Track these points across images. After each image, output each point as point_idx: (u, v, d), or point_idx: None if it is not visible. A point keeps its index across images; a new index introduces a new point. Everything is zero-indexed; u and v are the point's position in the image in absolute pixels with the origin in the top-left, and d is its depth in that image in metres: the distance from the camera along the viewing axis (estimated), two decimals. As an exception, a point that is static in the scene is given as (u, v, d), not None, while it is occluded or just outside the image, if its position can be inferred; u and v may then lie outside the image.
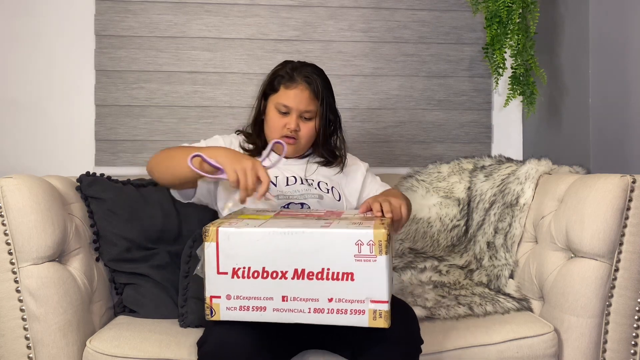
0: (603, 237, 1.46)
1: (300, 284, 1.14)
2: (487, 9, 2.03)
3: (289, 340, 1.34)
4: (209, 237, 1.16)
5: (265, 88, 1.59)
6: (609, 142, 1.91)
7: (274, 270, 1.15)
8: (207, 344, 1.22)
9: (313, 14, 2.28)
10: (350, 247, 1.12)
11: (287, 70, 1.55)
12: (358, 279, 1.12)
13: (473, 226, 1.88)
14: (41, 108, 2.20)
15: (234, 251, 1.15)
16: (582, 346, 1.49)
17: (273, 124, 1.55)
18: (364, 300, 1.13)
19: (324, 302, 1.14)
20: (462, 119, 2.36)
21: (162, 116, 2.24)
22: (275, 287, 1.15)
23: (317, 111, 1.56)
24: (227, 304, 1.16)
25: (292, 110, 1.53)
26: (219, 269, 1.16)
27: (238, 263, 1.15)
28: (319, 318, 1.15)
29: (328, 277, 1.13)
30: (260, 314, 1.16)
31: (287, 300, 1.15)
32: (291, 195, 1.52)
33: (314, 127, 1.56)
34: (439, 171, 2.06)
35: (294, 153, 1.59)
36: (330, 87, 1.60)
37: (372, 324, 1.13)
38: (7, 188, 1.41)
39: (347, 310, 1.13)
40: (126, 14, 2.21)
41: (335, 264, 1.13)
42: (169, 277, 1.69)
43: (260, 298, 1.16)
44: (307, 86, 1.53)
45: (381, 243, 1.11)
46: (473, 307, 1.60)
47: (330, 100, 1.58)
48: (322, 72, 1.60)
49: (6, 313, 1.41)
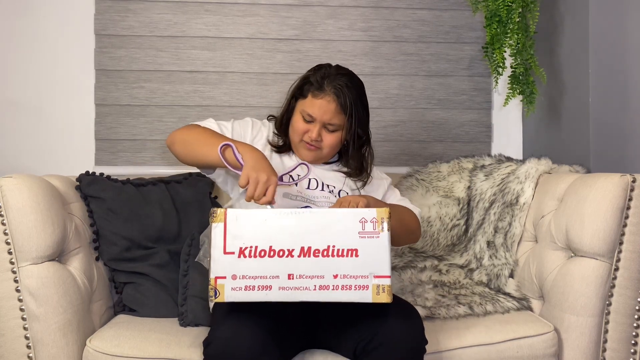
0: (603, 237, 1.46)
1: (307, 261, 1.18)
2: (487, 8, 2.02)
3: (293, 339, 1.34)
4: (217, 218, 1.19)
5: (294, 92, 1.53)
6: (609, 142, 1.91)
7: (281, 248, 1.18)
8: (213, 344, 1.22)
9: (313, 13, 2.28)
10: (354, 224, 1.18)
11: (318, 78, 1.47)
12: (362, 255, 1.18)
13: (473, 225, 1.88)
14: (41, 107, 2.19)
15: (241, 231, 1.18)
16: (582, 345, 1.49)
17: (296, 129, 1.50)
18: (368, 276, 1.17)
19: (329, 278, 1.18)
20: (461, 118, 2.36)
21: (162, 115, 2.24)
22: (282, 265, 1.18)
23: (344, 125, 1.49)
24: (233, 284, 1.17)
25: (316, 120, 1.47)
26: (226, 249, 1.18)
27: (245, 243, 1.18)
28: (324, 295, 1.18)
29: (333, 254, 1.18)
30: (265, 293, 1.18)
31: (292, 278, 1.18)
32: (309, 199, 1.50)
33: (338, 139, 1.50)
34: (439, 170, 2.06)
35: (316, 160, 1.55)
36: (364, 99, 1.52)
37: (376, 299, 1.17)
38: (6, 188, 1.41)
39: (351, 286, 1.17)
40: (126, 14, 2.21)
41: (341, 241, 1.18)
42: (169, 276, 1.69)
43: (266, 277, 1.18)
44: (334, 98, 1.45)
45: (383, 220, 1.18)
46: (473, 307, 1.60)
47: (361, 115, 1.50)
48: (357, 83, 1.51)
49: (6, 313, 1.41)
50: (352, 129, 1.50)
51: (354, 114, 1.47)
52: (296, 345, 1.38)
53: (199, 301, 1.60)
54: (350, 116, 1.47)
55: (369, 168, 1.59)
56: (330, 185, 1.54)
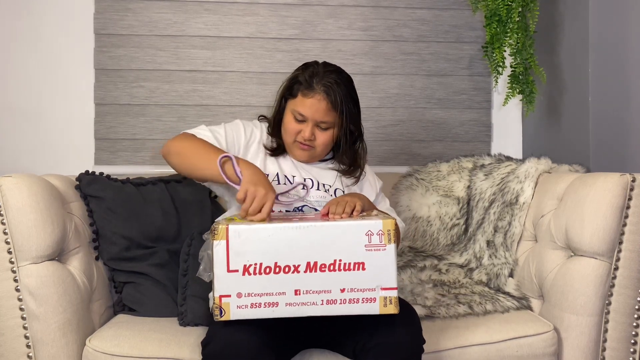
0: (603, 236, 1.46)
1: (313, 276, 1.16)
2: (487, 7, 2.02)
3: (292, 339, 1.34)
4: (218, 235, 1.15)
5: (284, 92, 1.52)
6: (609, 141, 1.91)
7: (286, 264, 1.16)
8: (212, 344, 1.21)
9: (312, 13, 2.28)
10: (361, 238, 1.16)
11: (307, 77, 1.46)
12: (369, 268, 1.16)
13: (473, 225, 1.88)
14: (40, 107, 2.19)
15: (244, 248, 1.15)
16: (582, 345, 1.49)
17: (289, 129, 1.49)
18: (375, 289, 1.17)
19: (337, 292, 1.16)
20: (461, 118, 2.36)
21: (161, 115, 2.24)
22: (288, 282, 1.16)
23: (336, 122, 1.48)
24: (238, 302, 1.15)
25: (308, 119, 1.46)
26: (229, 267, 1.15)
27: (249, 260, 1.15)
28: (332, 309, 1.17)
29: (340, 268, 1.16)
30: (272, 310, 1.16)
31: (299, 293, 1.16)
32: (305, 198, 1.49)
33: (331, 137, 1.49)
34: (439, 170, 2.06)
35: (310, 159, 1.54)
36: (354, 95, 1.52)
37: (383, 310, 1.17)
38: (6, 187, 1.41)
39: (358, 300, 1.17)
40: (126, 13, 2.21)
41: (347, 255, 1.16)
42: (169, 275, 1.69)
43: (272, 294, 1.16)
44: (325, 96, 1.44)
45: (390, 232, 1.16)
46: (473, 306, 1.60)
47: (352, 111, 1.49)
48: (346, 79, 1.51)
49: (6, 312, 1.41)
50: (344, 125, 1.50)
51: (345, 111, 1.47)
52: (295, 345, 1.37)
53: (199, 301, 1.59)
54: (342, 113, 1.47)
55: (362, 164, 1.59)
56: (325, 185, 1.53)
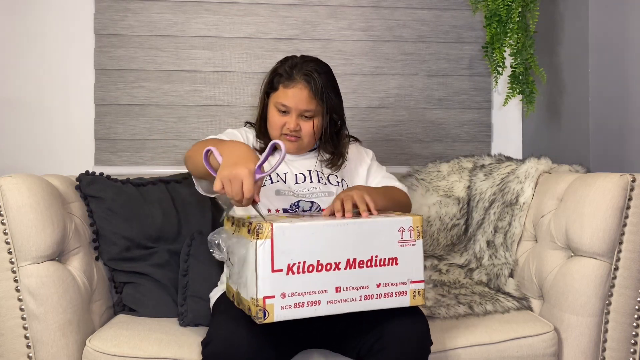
0: (603, 236, 1.46)
1: (352, 273, 1.19)
2: (487, 7, 2.02)
3: (292, 339, 1.34)
4: (263, 234, 1.13)
5: (265, 87, 1.56)
6: (609, 141, 1.91)
7: (328, 262, 1.17)
8: (212, 344, 1.21)
9: (313, 13, 2.28)
10: (394, 234, 1.22)
11: (286, 69, 1.50)
12: (401, 263, 1.22)
13: (473, 225, 1.88)
14: (41, 107, 2.19)
15: (289, 247, 1.15)
16: (582, 345, 1.49)
17: (273, 123, 1.52)
18: (406, 282, 1.23)
19: (373, 288, 1.20)
20: (461, 118, 2.36)
21: (161, 115, 2.24)
22: (330, 279, 1.17)
23: (319, 110, 1.52)
24: (282, 302, 1.14)
25: (292, 109, 1.49)
26: (274, 267, 1.13)
27: (293, 258, 1.15)
28: (369, 304, 1.20)
29: (376, 264, 1.21)
30: (315, 308, 1.17)
31: (340, 290, 1.18)
32: (300, 193, 1.51)
33: (316, 126, 1.53)
34: (439, 170, 2.06)
35: (298, 151, 1.57)
36: (335, 84, 1.55)
37: (413, 302, 1.23)
38: (6, 187, 1.41)
39: (392, 294, 1.22)
40: (126, 13, 2.21)
41: (382, 251, 1.21)
42: (169, 275, 1.69)
43: (315, 292, 1.16)
44: (305, 85, 1.48)
45: (419, 228, 1.23)
46: (473, 306, 1.60)
47: (333, 97, 1.53)
48: (325, 67, 1.55)
49: (6, 312, 1.41)
50: (326, 112, 1.52)
51: (326, 99, 1.50)
52: (295, 345, 1.37)
53: (199, 301, 1.59)
54: (323, 100, 1.50)
55: (345, 152, 1.60)
56: (318, 172, 1.56)
